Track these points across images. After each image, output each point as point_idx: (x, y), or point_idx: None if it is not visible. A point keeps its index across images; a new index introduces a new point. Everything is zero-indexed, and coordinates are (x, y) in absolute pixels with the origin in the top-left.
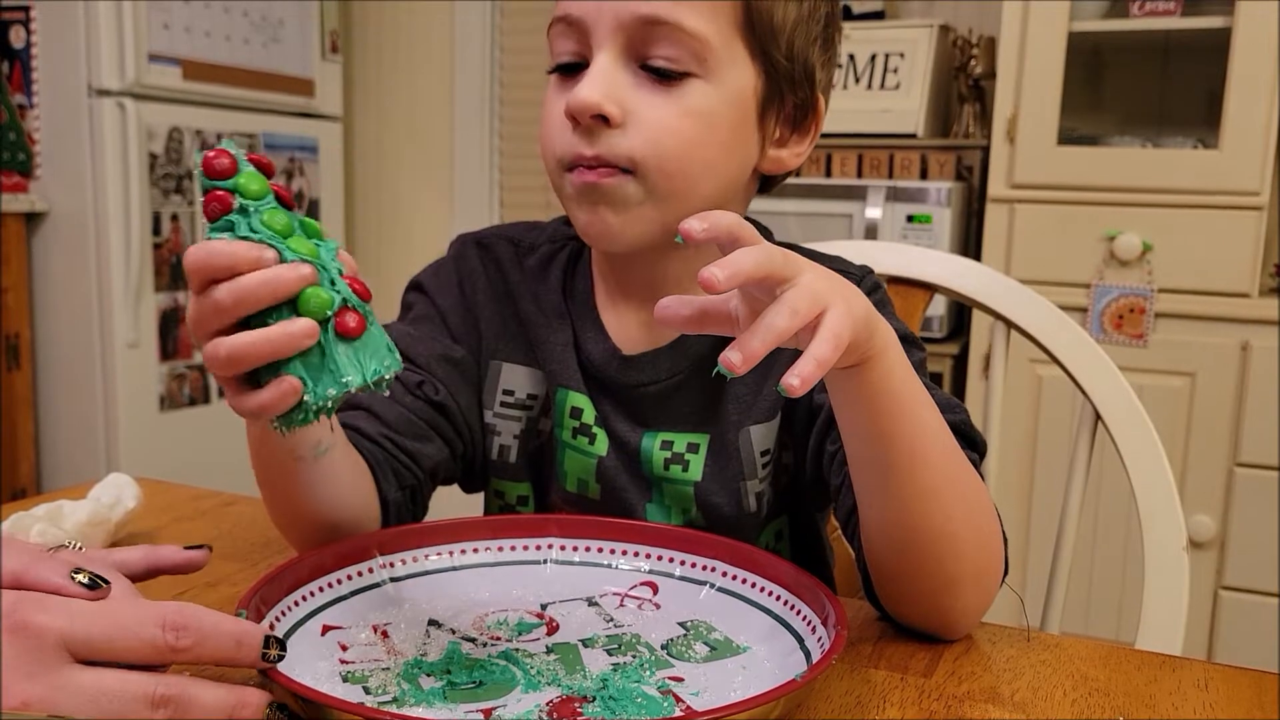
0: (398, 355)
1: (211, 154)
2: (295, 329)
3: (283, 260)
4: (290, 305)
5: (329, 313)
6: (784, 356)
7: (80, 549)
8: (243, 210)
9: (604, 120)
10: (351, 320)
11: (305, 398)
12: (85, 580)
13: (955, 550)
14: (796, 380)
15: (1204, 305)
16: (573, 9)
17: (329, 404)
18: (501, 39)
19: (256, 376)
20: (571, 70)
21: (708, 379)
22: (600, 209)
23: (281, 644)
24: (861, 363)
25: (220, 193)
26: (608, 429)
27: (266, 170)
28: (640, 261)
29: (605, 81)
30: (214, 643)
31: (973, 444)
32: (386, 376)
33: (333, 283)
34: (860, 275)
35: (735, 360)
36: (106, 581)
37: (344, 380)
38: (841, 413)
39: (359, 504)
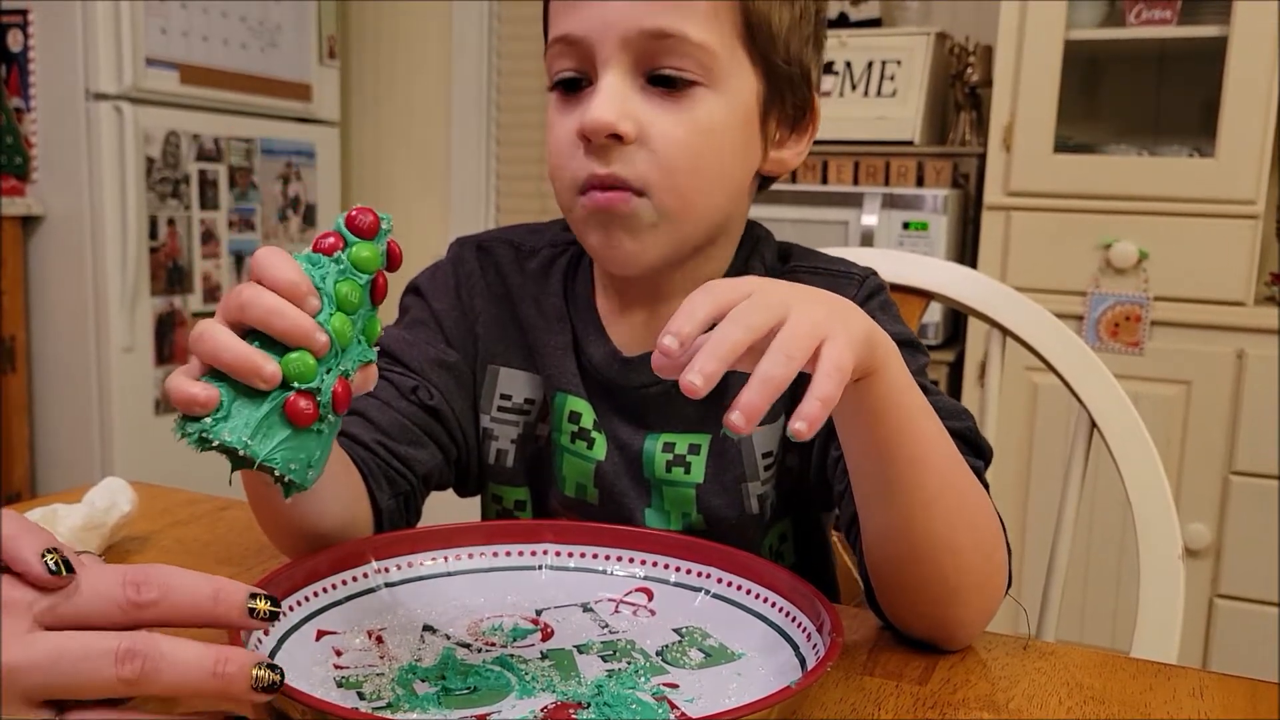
0: (310, 477)
1: (360, 211)
2: (262, 365)
3: (317, 318)
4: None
5: (297, 385)
6: None
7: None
8: (336, 261)
9: (617, 138)
10: (306, 410)
11: (204, 419)
12: (52, 564)
13: (957, 562)
14: (803, 425)
15: (1200, 314)
16: (574, 28)
17: (212, 442)
18: (499, 44)
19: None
20: (573, 87)
21: None
22: (615, 233)
23: (273, 600)
24: (862, 378)
25: (337, 239)
26: (608, 432)
27: (392, 260)
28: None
29: (617, 99)
30: (183, 596)
31: (978, 451)
32: (278, 475)
33: (328, 370)
34: (863, 277)
35: (738, 422)
36: (73, 570)
37: (242, 439)
38: (841, 425)
39: (347, 517)
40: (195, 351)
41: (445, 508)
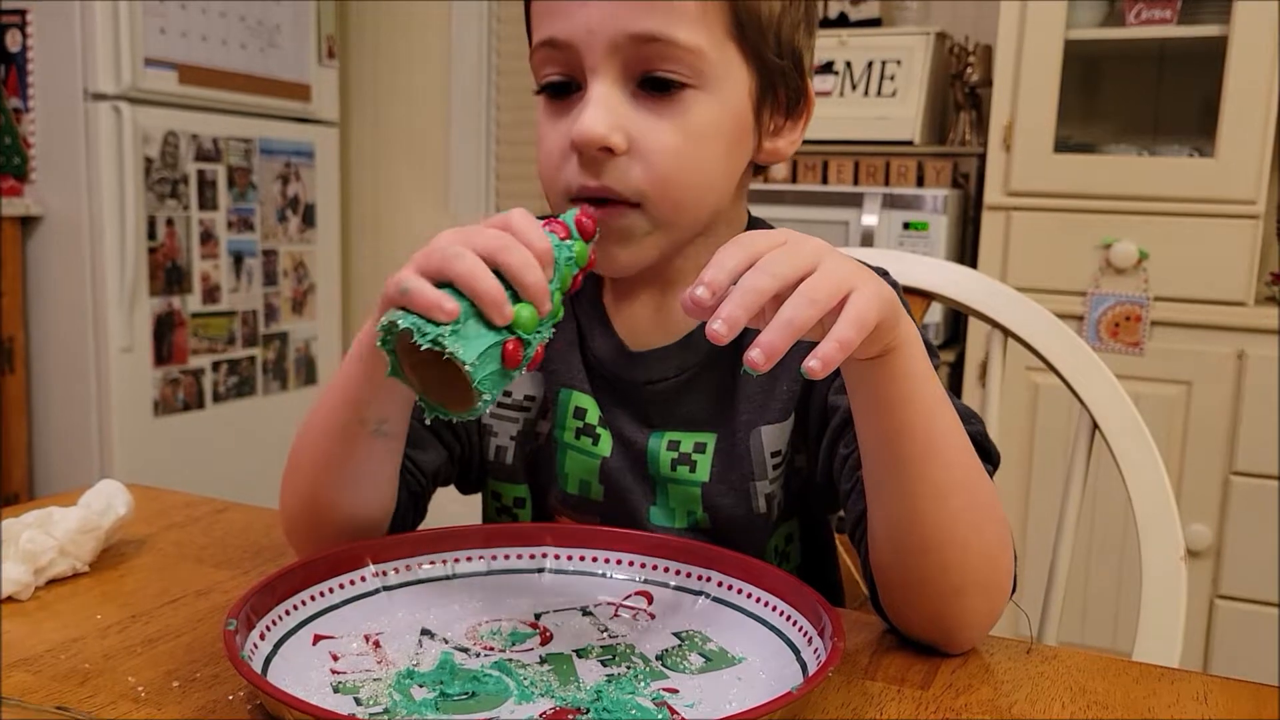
0: (479, 410)
1: (587, 215)
2: (505, 303)
3: (549, 284)
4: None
5: (520, 333)
6: (799, 355)
7: None
8: (568, 247)
9: (609, 151)
10: (515, 356)
11: (442, 326)
12: None
13: (963, 559)
14: (817, 363)
15: (1200, 314)
16: (559, 33)
17: (442, 348)
18: (498, 44)
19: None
20: (562, 91)
21: (718, 376)
22: (608, 245)
23: None
24: (885, 353)
25: (565, 229)
26: (613, 429)
27: (588, 266)
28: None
29: (607, 110)
30: None
31: (987, 456)
32: (476, 385)
33: (537, 332)
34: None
35: (757, 359)
36: None
37: (471, 357)
38: (859, 405)
39: (382, 510)
40: (447, 268)
41: (445, 506)
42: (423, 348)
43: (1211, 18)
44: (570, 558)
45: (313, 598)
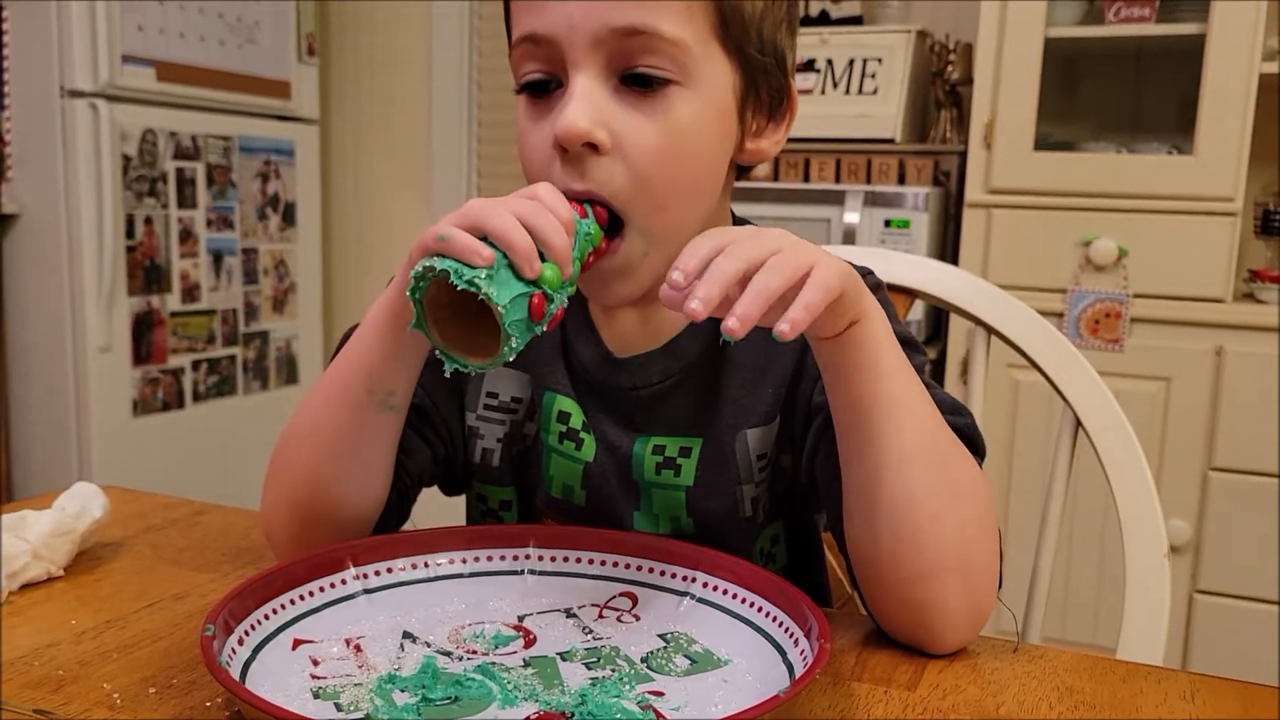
0: (503, 357)
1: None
2: (535, 258)
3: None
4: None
5: (544, 287)
6: (783, 359)
7: None
8: (584, 225)
9: (592, 147)
10: (540, 308)
11: (479, 270)
12: None
13: (935, 536)
14: (786, 326)
15: (1179, 310)
16: (539, 27)
17: (478, 289)
18: (479, 41)
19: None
20: (542, 89)
21: (702, 382)
22: (607, 281)
23: None
24: (851, 325)
25: (582, 210)
26: (597, 434)
27: (597, 253)
28: None
29: (590, 105)
30: None
31: (974, 447)
32: (506, 328)
33: (560, 289)
34: (862, 274)
35: (734, 326)
36: None
37: (504, 300)
38: (829, 380)
39: (374, 498)
40: (483, 222)
41: (431, 507)
42: (459, 288)
43: (1190, 16)
44: (553, 559)
45: (292, 601)
